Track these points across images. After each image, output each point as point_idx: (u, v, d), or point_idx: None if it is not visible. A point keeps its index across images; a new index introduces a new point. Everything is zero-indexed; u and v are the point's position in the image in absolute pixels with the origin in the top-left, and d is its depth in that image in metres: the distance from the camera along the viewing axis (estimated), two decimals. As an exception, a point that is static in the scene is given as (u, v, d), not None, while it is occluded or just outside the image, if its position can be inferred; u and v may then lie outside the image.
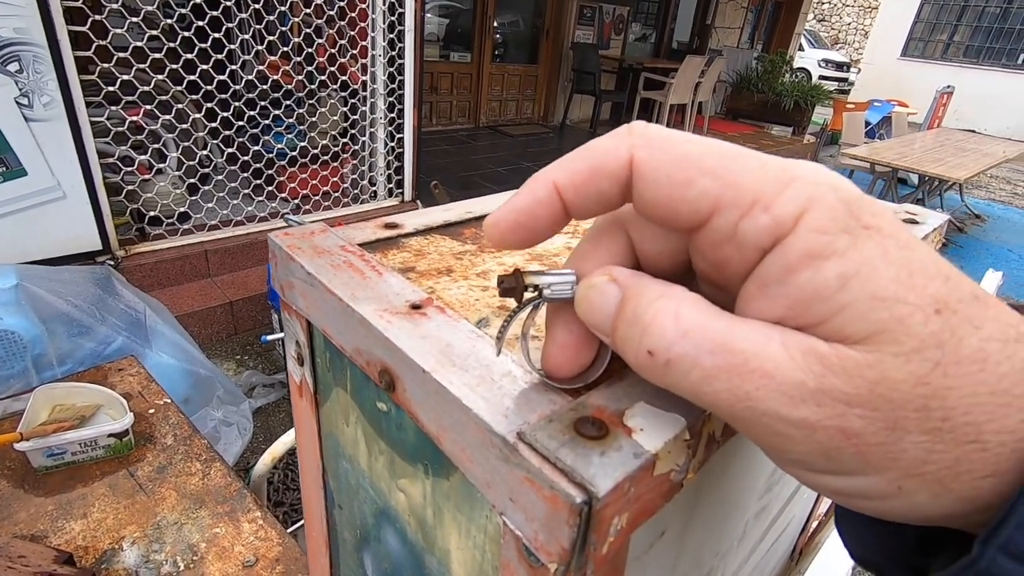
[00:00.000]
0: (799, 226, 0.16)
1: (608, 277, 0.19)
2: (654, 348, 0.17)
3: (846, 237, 0.16)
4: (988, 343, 0.15)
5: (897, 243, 0.16)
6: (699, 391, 0.17)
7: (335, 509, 0.37)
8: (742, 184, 0.17)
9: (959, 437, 0.15)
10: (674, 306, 0.17)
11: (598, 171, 0.19)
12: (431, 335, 0.24)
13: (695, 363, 0.17)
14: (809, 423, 0.16)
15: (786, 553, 0.58)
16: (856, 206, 0.16)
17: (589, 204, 0.19)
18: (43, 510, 0.83)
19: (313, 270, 0.28)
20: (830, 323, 0.16)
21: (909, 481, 0.16)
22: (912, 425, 0.15)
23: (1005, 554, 0.15)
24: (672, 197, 0.17)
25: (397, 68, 3.09)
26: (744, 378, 0.16)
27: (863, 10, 15.26)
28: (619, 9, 7.00)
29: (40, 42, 2.02)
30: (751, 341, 0.16)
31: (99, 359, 1.56)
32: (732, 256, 0.17)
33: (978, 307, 0.16)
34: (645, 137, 0.18)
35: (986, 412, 0.15)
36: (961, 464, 0.15)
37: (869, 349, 0.15)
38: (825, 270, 0.16)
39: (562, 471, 0.17)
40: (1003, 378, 0.15)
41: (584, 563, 0.18)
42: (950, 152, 5.06)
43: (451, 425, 0.21)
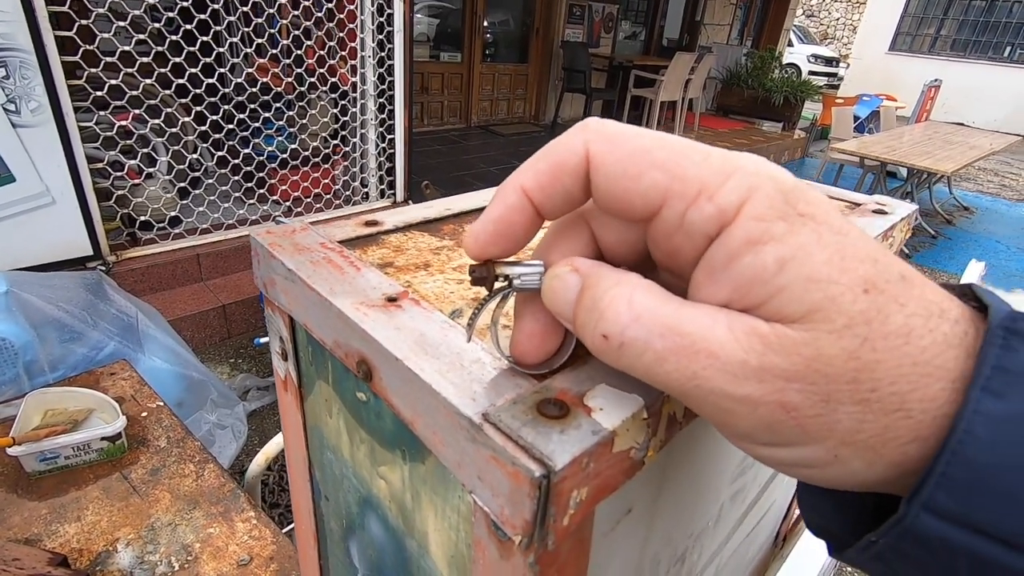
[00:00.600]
0: (740, 214, 0.17)
1: (570, 267, 0.20)
2: (609, 332, 0.18)
3: (783, 224, 0.17)
4: (912, 319, 0.17)
5: (830, 229, 0.17)
6: (651, 372, 0.18)
7: (322, 501, 0.38)
8: (688, 176, 0.18)
9: (886, 406, 0.16)
10: (628, 292, 0.18)
11: (560, 169, 0.20)
12: (405, 326, 0.25)
13: (647, 346, 0.18)
14: (752, 399, 0.17)
15: (769, 538, 0.60)
16: (792, 195, 0.17)
17: (557, 203, 0.20)
18: (37, 514, 0.84)
19: (293, 267, 0.29)
20: (770, 304, 0.17)
21: (844, 449, 0.17)
22: (845, 397, 0.16)
23: (928, 511, 0.16)
24: (626, 189, 0.19)
25: (387, 69, 3.09)
26: (692, 359, 0.17)
27: (851, 5, 15.36)
28: (608, 7, 7.02)
29: (26, 47, 2.01)
30: (698, 324, 0.17)
31: (91, 364, 1.56)
32: (683, 244, 0.18)
33: (904, 286, 0.17)
34: (600, 132, 0.19)
35: (910, 382, 0.16)
36: (889, 431, 0.17)
37: (805, 328, 0.17)
38: (764, 254, 0.17)
39: (523, 448, 0.18)
40: (925, 350, 0.17)
41: (546, 535, 0.19)
42: (938, 145, 5.10)
43: (424, 410, 0.22)
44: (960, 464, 0.16)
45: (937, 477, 0.16)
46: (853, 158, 4.79)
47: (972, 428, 0.16)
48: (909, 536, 0.17)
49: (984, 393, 0.16)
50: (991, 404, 0.16)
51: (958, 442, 0.16)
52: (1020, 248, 4.98)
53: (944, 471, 0.16)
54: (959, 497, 0.16)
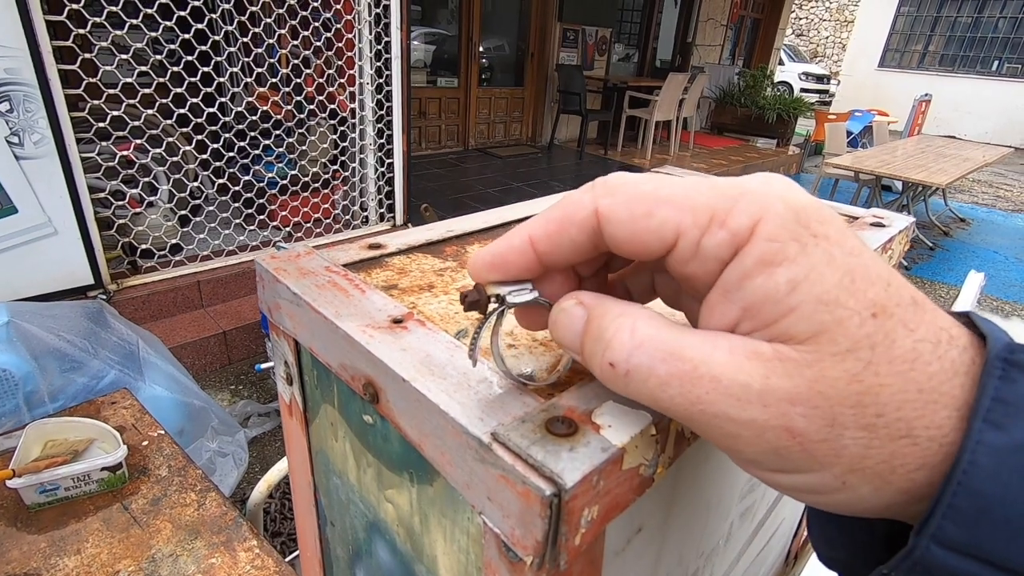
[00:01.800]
0: (755, 235, 0.17)
1: (575, 300, 0.21)
2: (614, 360, 0.19)
3: (795, 244, 0.17)
4: (920, 344, 0.17)
5: (843, 249, 0.17)
6: (656, 397, 0.18)
7: (327, 527, 0.38)
8: (697, 206, 0.18)
9: (892, 432, 0.17)
10: (631, 322, 0.19)
11: (567, 222, 0.21)
12: (411, 347, 0.25)
13: (650, 372, 0.18)
14: (757, 424, 0.17)
15: (780, 557, 0.59)
16: (804, 215, 0.18)
17: (562, 252, 0.21)
18: (36, 547, 0.83)
19: (299, 290, 0.29)
20: (779, 324, 0.17)
21: (852, 476, 0.17)
22: (849, 421, 0.17)
23: (936, 543, 0.16)
24: (636, 230, 0.19)
25: (385, 95, 3.14)
26: (695, 383, 0.17)
27: (840, 24, 15.66)
28: (602, 31, 7.16)
29: (30, 81, 2.04)
30: (699, 350, 0.18)
31: (92, 394, 1.56)
32: (697, 271, 0.19)
33: (915, 311, 0.17)
34: (607, 187, 0.20)
35: (916, 408, 0.16)
36: (896, 458, 0.17)
37: (809, 349, 0.17)
38: (777, 275, 0.17)
39: (533, 466, 0.18)
40: (932, 377, 0.17)
41: (557, 555, 0.19)
42: (931, 158, 5.15)
43: (432, 431, 0.22)
44: (966, 495, 0.16)
45: (944, 508, 0.16)
46: (848, 173, 4.84)
47: (976, 459, 0.16)
48: (919, 568, 0.17)
49: (986, 424, 0.16)
50: (993, 435, 0.16)
51: (963, 473, 0.16)
52: (1018, 258, 4.99)
53: (951, 502, 0.16)
54: (967, 528, 0.16)
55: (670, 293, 0.25)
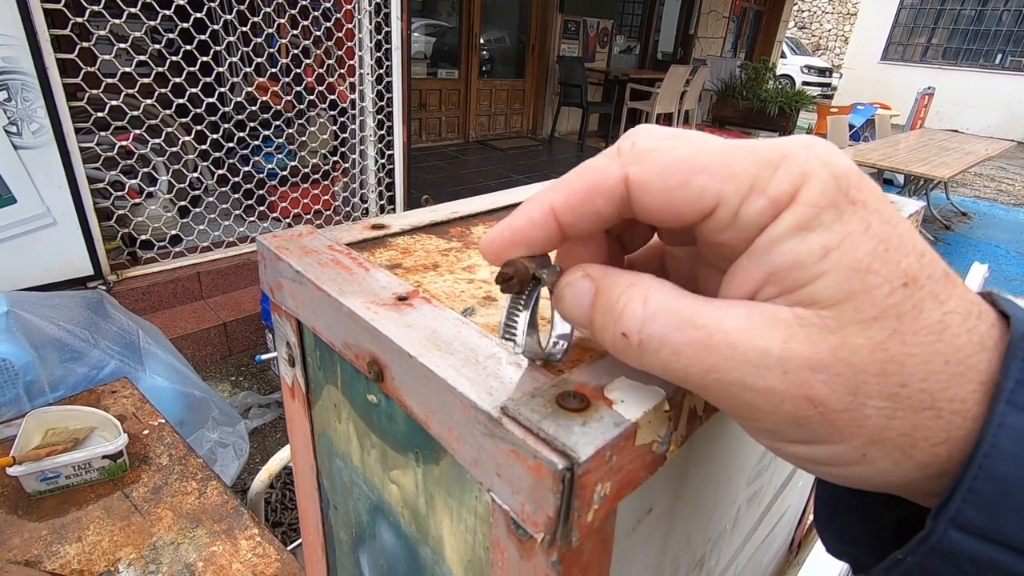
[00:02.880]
0: (796, 200, 0.17)
1: (582, 273, 0.20)
2: (627, 330, 0.18)
3: (833, 211, 0.16)
4: (949, 316, 0.16)
5: (880, 218, 0.17)
6: (670, 367, 0.18)
7: (330, 510, 0.37)
8: (737, 173, 0.17)
9: (916, 403, 0.16)
10: (643, 291, 0.18)
11: (593, 191, 0.20)
12: (417, 323, 0.24)
13: (664, 341, 0.17)
14: (776, 392, 0.16)
15: (784, 545, 0.59)
16: (845, 181, 0.17)
17: (585, 223, 0.20)
18: (37, 535, 0.82)
19: (301, 268, 0.29)
20: (805, 289, 0.17)
21: (873, 448, 0.17)
22: (873, 390, 0.16)
23: (956, 528, 0.16)
24: (672, 200, 0.18)
25: (385, 86, 3.12)
26: (710, 351, 0.17)
27: (842, 16, 15.56)
28: (603, 22, 7.11)
29: (28, 70, 2.03)
30: (714, 317, 0.17)
31: (92, 383, 1.55)
32: (732, 239, 0.18)
33: (947, 284, 0.17)
34: (634, 154, 0.19)
35: (941, 380, 0.16)
36: (918, 431, 0.16)
37: (832, 315, 0.16)
38: (810, 241, 0.16)
39: (544, 440, 0.18)
40: (959, 349, 0.16)
41: (569, 531, 0.18)
42: (933, 151, 5.13)
43: (439, 407, 0.22)
44: (987, 478, 0.15)
45: (964, 492, 0.16)
46: (850, 166, 4.81)
47: (998, 441, 0.15)
48: (937, 552, 0.16)
49: (1009, 407, 0.15)
50: (1016, 418, 0.15)
51: (984, 456, 0.15)
52: (1019, 252, 4.98)
53: (971, 486, 0.16)
54: (987, 511, 0.15)
55: (684, 271, 0.24)
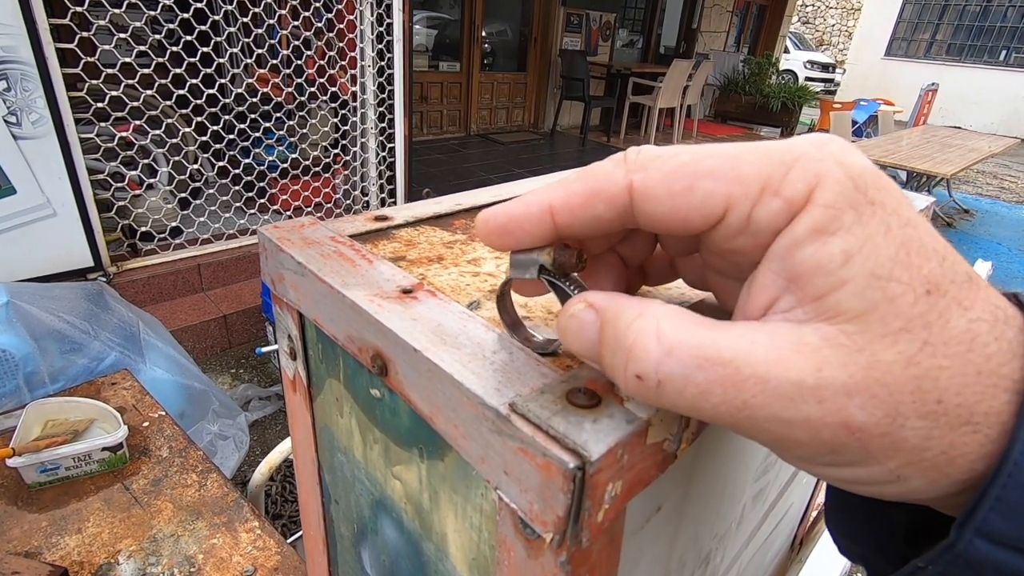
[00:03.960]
0: (811, 201, 0.16)
1: (584, 304, 0.19)
2: (642, 372, 0.17)
3: (852, 212, 0.16)
4: (976, 324, 0.15)
5: (900, 220, 0.16)
6: (697, 407, 0.16)
7: (331, 505, 0.37)
8: (746, 176, 0.17)
9: (953, 420, 0.15)
10: (654, 325, 0.17)
11: (595, 196, 0.19)
12: (422, 317, 0.24)
13: (687, 381, 0.16)
14: (812, 422, 0.15)
15: (786, 542, 0.58)
16: (862, 180, 0.16)
17: (583, 226, 0.20)
18: (37, 526, 0.82)
19: (303, 260, 0.28)
20: (828, 299, 0.16)
21: (908, 469, 0.16)
22: (909, 410, 0.15)
23: (981, 537, 0.15)
24: (676, 207, 0.18)
25: (387, 78, 3.10)
26: (739, 388, 0.16)
27: (846, 12, 15.47)
28: (606, 16, 7.07)
29: (28, 60, 2.01)
30: (738, 349, 0.16)
31: (92, 375, 1.55)
32: (746, 245, 0.17)
33: (970, 289, 0.16)
34: (638, 162, 0.18)
35: (976, 393, 0.15)
36: (955, 448, 0.15)
37: (858, 329, 0.15)
38: (830, 245, 0.16)
39: (555, 438, 0.17)
40: (990, 358, 0.15)
41: (579, 531, 0.18)
42: (936, 148, 5.11)
43: (444, 403, 0.21)
44: (1016, 487, 0.15)
45: (992, 501, 0.15)
46: (852, 162, 4.79)
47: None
48: (961, 561, 0.16)
49: None
50: None
51: (1014, 464, 0.15)
52: (1021, 250, 4.97)
53: (999, 494, 0.15)
54: (1015, 521, 0.15)
55: (695, 273, 0.23)
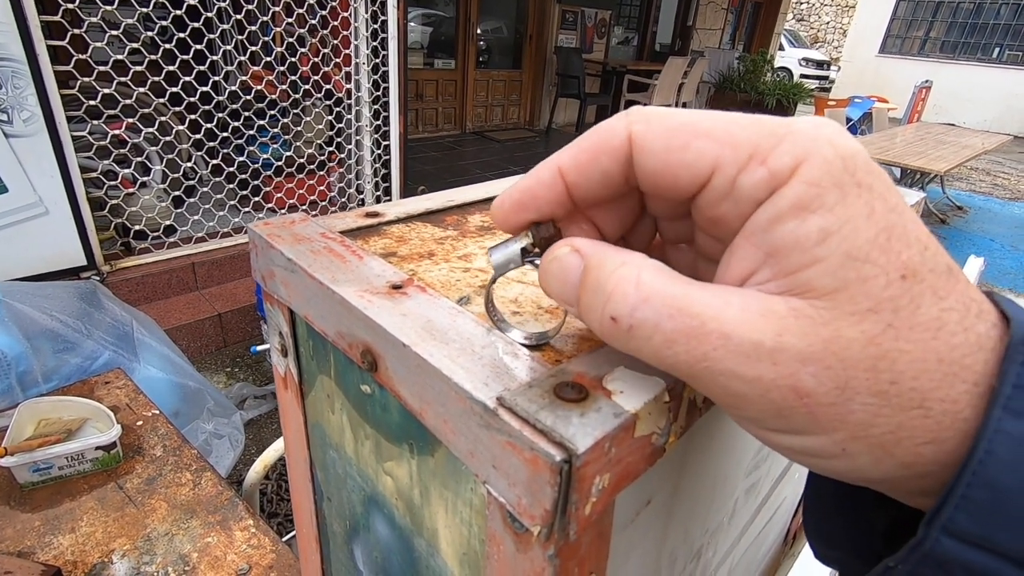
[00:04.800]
0: (794, 177, 0.16)
1: (570, 248, 0.20)
2: (617, 314, 0.17)
3: (836, 191, 0.16)
4: (947, 313, 0.16)
5: (886, 204, 0.16)
6: (660, 354, 0.17)
7: (324, 502, 0.37)
8: (739, 141, 0.17)
9: (904, 402, 0.15)
10: (635, 273, 0.18)
11: (599, 150, 0.19)
12: (412, 312, 0.24)
13: (656, 327, 0.17)
14: (763, 381, 0.16)
15: (779, 536, 0.59)
16: (852, 162, 0.16)
17: (592, 185, 0.20)
18: (30, 526, 0.82)
19: (293, 256, 0.28)
20: (801, 274, 0.16)
21: (853, 444, 0.16)
22: (861, 386, 0.15)
23: (948, 535, 0.15)
24: (669, 163, 0.18)
25: (381, 76, 3.09)
26: (702, 340, 0.16)
27: (841, 9, 15.51)
28: (601, 13, 7.06)
29: (19, 57, 2.00)
30: (709, 305, 0.17)
31: (86, 374, 1.54)
32: (729, 211, 0.18)
33: (948, 279, 0.16)
34: (642, 114, 0.19)
35: (933, 379, 0.15)
36: (903, 429, 0.16)
37: (827, 305, 0.16)
38: (810, 222, 0.16)
39: (542, 432, 0.17)
40: (955, 348, 0.16)
41: (567, 524, 0.18)
42: (930, 145, 5.13)
43: (434, 398, 0.21)
44: (981, 485, 0.15)
45: (958, 499, 0.15)
46: (847, 159, 4.81)
47: (993, 448, 0.15)
48: (930, 560, 0.16)
49: (1006, 412, 0.15)
50: (1013, 424, 0.15)
51: (979, 462, 0.15)
52: (1014, 246, 5.00)
53: (965, 493, 0.15)
54: (981, 519, 0.15)
55: (686, 267, 0.23)
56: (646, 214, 0.22)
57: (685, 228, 0.22)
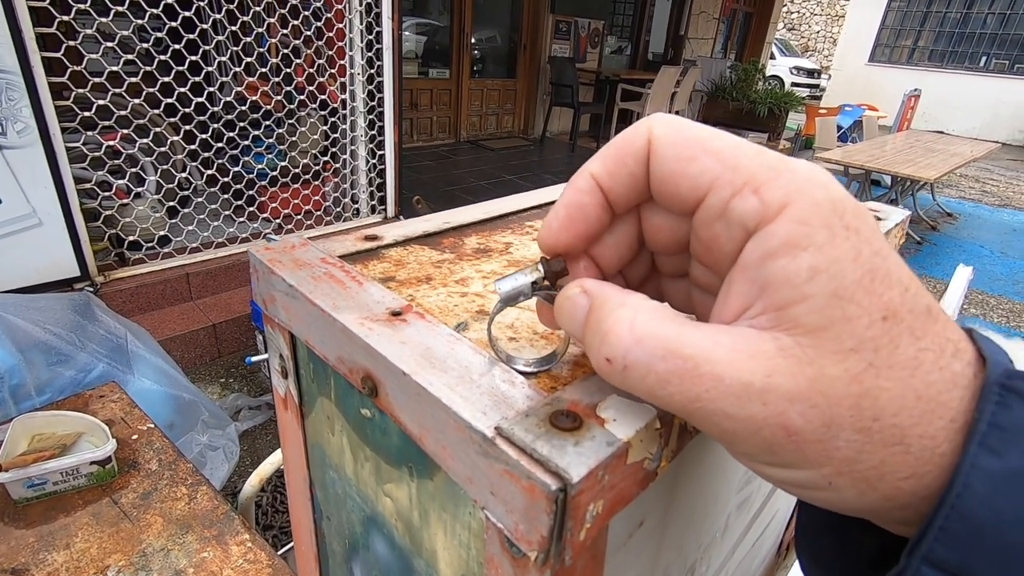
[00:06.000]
0: (783, 215, 0.17)
1: (580, 289, 0.21)
2: (611, 355, 0.18)
3: (825, 231, 0.17)
4: (924, 352, 0.17)
5: (871, 247, 0.17)
6: (654, 394, 0.18)
7: (323, 521, 0.37)
8: (740, 166, 0.18)
9: (886, 438, 0.16)
10: (630, 315, 0.19)
11: (625, 152, 0.20)
12: (411, 340, 0.25)
13: (649, 368, 0.18)
14: (755, 421, 0.17)
15: (772, 548, 0.59)
16: (840, 205, 0.17)
17: (623, 189, 0.21)
18: (24, 542, 0.82)
19: (294, 282, 0.29)
20: (791, 310, 0.17)
21: (839, 478, 0.17)
22: (846, 422, 0.16)
23: (927, 564, 0.16)
24: (675, 172, 0.19)
25: (376, 86, 3.10)
26: (695, 382, 0.17)
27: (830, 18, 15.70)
28: (594, 23, 7.12)
29: (13, 69, 2.00)
30: (701, 347, 0.17)
31: (79, 387, 1.54)
32: (721, 234, 0.19)
33: (926, 320, 0.17)
34: (665, 118, 0.20)
35: (912, 416, 0.16)
36: (886, 465, 0.17)
37: (812, 343, 0.17)
38: (800, 259, 0.17)
39: (538, 461, 0.18)
40: (931, 385, 0.17)
41: (563, 549, 0.18)
42: (920, 153, 5.19)
43: (433, 425, 0.22)
44: (959, 518, 0.16)
45: (936, 531, 0.16)
46: (838, 167, 4.86)
47: (970, 483, 0.16)
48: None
49: (981, 449, 0.16)
50: (988, 460, 0.16)
51: (956, 496, 0.16)
52: (1003, 252, 5.05)
53: (943, 525, 0.16)
54: (958, 550, 0.16)
55: (681, 297, 0.24)
56: (643, 249, 0.23)
57: (681, 261, 0.23)
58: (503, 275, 0.23)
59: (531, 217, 0.44)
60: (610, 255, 0.23)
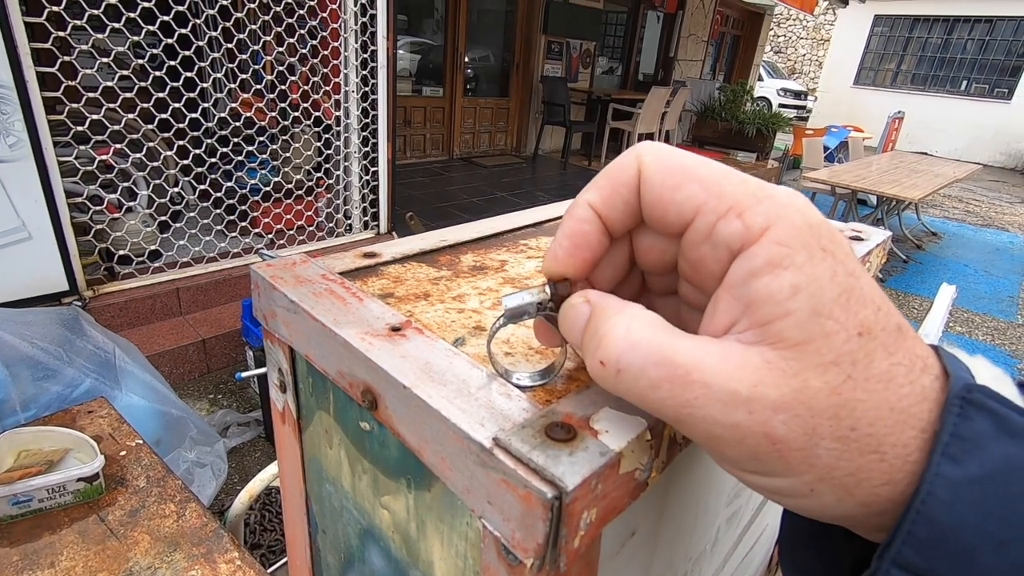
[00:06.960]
0: (764, 237, 0.18)
1: (583, 298, 0.22)
2: (605, 359, 0.19)
3: (804, 253, 0.18)
4: (896, 367, 0.18)
5: (845, 269, 0.18)
6: (645, 398, 0.19)
7: (319, 535, 0.38)
8: (724, 193, 0.19)
9: (863, 446, 0.18)
10: (626, 322, 0.20)
11: (617, 182, 0.22)
12: (411, 354, 0.25)
13: (641, 373, 0.19)
14: (741, 428, 0.18)
15: (763, 563, 0.60)
16: (817, 229, 0.19)
17: (618, 215, 0.22)
18: (7, 561, 0.80)
19: (296, 298, 0.30)
20: (774, 325, 0.18)
21: (820, 485, 0.18)
22: (826, 431, 0.18)
23: (896, 567, 0.17)
24: (663, 198, 0.20)
25: (370, 103, 3.13)
26: (685, 388, 0.18)
27: (816, 42, 16.08)
28: (586, 44, 7.25)
29: (7, 83, 2.00)
30: (692, 355, 0.19)
31: (66, 402, 1.52)
32: (707, 255, 0.20)
33: (897, 337, 0.18)
34: (652, 147, 0.21)
35: (887, 426, 0.18)
36: (863, 472, 0.18)
37: (795, 356, 0.18)
38: (782, 278, 0.18)
39: (534, 470, 0.19)
40: (903, 398, 0.18)
41: (557, 556, 0.19)
42: (904, 173, 5.30)
43: (432, 437, 0.23)
44: (924, 523, 0.17)
45: (904, 535, 0.17)
46: (825, 187, 4.95)
47: (933, 490, 0.17)
48: None
49: (944, 458, 0.17)
50: (950, 468, 0.17)
51: (922, 502, 0.17)
52: (987, 271, 5.14)
53: (910, 529, 0.17)
54: (923, 554, 0.17)
55: (671, 315, 0.25)
56: (635, 268, 0.25)
57: (670, 280, 0.24)
58: (512, 292, 0.24)
59: (525, 236, 0.45)
60: (605, 275, 0.24)
